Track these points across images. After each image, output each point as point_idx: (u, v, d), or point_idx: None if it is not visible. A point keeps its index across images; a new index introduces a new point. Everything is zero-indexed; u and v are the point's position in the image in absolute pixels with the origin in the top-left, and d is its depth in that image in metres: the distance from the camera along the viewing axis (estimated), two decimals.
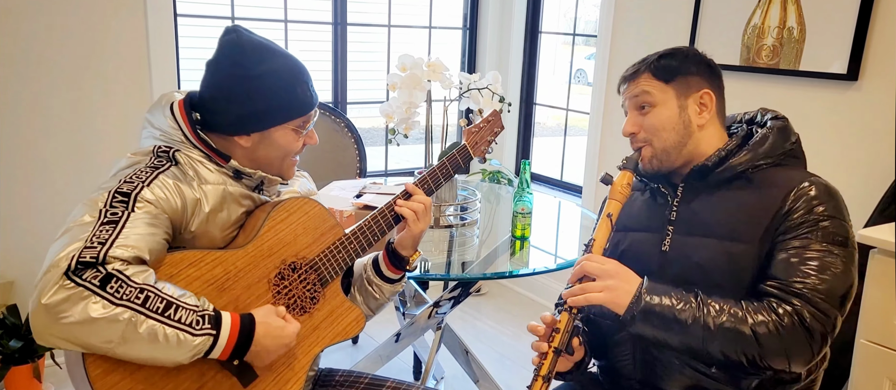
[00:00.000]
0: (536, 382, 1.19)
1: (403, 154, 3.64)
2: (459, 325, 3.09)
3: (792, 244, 1.16)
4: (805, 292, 1.12)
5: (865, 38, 2.14)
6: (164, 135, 1.22)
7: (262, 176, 1.27)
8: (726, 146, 1.27)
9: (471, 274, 1.85)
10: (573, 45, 3.62)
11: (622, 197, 1.28)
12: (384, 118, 2.12)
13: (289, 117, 1.25)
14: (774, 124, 1.29)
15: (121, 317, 1.01)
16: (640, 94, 1.29)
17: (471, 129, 1.56)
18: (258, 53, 1.21)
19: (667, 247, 1.29)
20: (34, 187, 2.45)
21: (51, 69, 2.40)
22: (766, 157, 1.25)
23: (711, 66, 1.31)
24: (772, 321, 1.11)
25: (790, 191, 1.19)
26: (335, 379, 1.48)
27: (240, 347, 1.12)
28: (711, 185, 1.27)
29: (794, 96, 2.34)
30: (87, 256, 1.02)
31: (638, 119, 1.30)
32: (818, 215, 1.16)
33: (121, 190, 1.12)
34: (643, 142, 1.30)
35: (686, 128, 1.27)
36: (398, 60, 2.07)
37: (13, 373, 2.28)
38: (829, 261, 1.14)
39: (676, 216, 1.29)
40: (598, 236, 1.27)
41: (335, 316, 1.32)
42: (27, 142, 2.41)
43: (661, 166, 1.30)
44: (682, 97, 1.27)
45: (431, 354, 2.19)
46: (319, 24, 3.26)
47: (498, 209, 2.44)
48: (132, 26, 2.51)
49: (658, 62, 1.28)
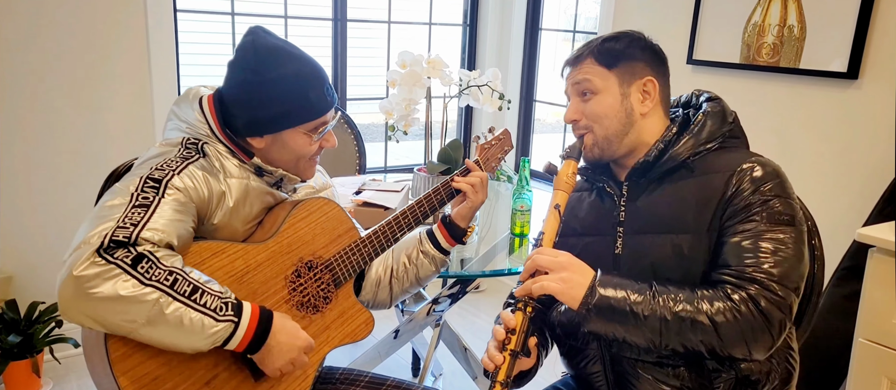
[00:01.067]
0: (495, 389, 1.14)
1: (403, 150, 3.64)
2: (458, 322, 3.10)
3: (739, 229, 1.14)
4: (759, 277, 1.10)
5: (866, 36, 2.13)
6: (191, 128, 1.24)
7: (282, 173, 1.30)
8: (664, 136, 1.25)
9: (470, 271, 1.84)
10: (573, 41, 3.61)
11: (568, 187, 1.25)
12: (384, 115, 2.12)
13: (300, 121, 1.25)
14: (710, 108, 1.26)
15: (148, 297, 1.03)
16: (581, 80, 1.26)
17: (483, 146, 1.60)
18: (272, 57, 1.22)
19: (619, 248, 1.26)
20: (33, 182, 2.45)
21: (51, 64, 2.39)
22: (706, 143, 1.23)
23: (657, 52, 1.28)
24: (728, 308, 1.08)
25: (731, 175, 1.17)
26: (335, 378, 1.48)
27: (257, 340, 1.13)
28: (655, 179, 1.25)
29: (795, 94, 2.34)
30: (119, 236, 1.04)
31: (580, 105, 1.27)
32: (762, 194, 1.14)
33: (152, 176, 1.14)
34: (584, 130, 1.28)
35: (628, 116, 1.25)
36: (398, 57, 2.06)
37: (12, 368, 2.28)
38: (780, 243, 1.12)
39: (625, 216, 1.27)
40: (547, 229, 1.23)
41: (346, 318, 1.34)
42: (26, 137, 2.41)
43: (603, 154, 1.28)
44: (624, 84, 1.25)
45: (430, 351, 2.19)
46: (319, 20, 3.26)
47: (497, 206, 2.44)
48: (132, 21, 2.51)
49: (602, 46, 1.26)
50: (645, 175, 1.26)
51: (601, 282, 1.14)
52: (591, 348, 1.30)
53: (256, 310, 1.13)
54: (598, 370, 1.31)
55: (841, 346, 1.93)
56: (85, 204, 1.16)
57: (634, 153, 1.27)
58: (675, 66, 2.66)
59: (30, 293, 2.46)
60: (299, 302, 1.28)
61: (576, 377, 1.42)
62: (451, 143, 2.14)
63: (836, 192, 2.26)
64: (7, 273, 2.45)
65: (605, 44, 1.26)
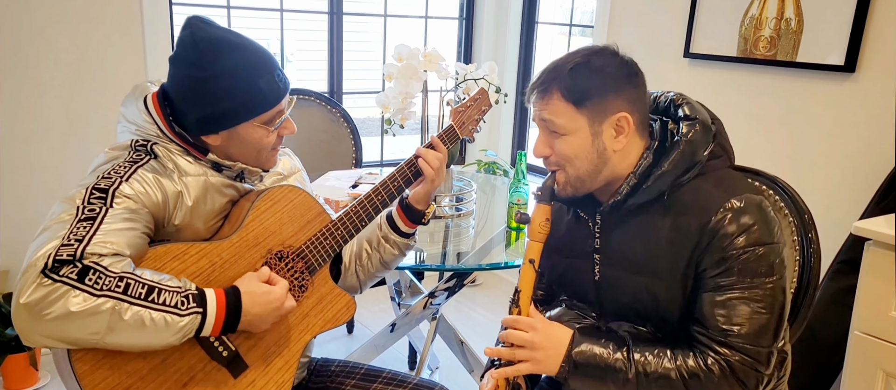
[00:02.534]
0: None
1: (399, 144, 3.63)
2: (454, 316, 3.10)
3: (714, 283, 1.11)
4: (731, 341, 1.09)
5: (863, 29, 2.13)
6: (140, 130, 1.19)
7: (241, 167, 1.25)
8: (638, 167, 1.16)
9: (466, 265, 1.85)
10: (570, 35, 3.60)
11: (542, 236, 1.21)
12: (380, 108, 2.11)
13: (253, 113, 1.18)
14: (686, 134, 1.15)
15: (102, 308, 1.00)
16: (549, 120, 1.17)
17: (457, 109, 1.52)
18: (215, 49, 1.14)
19: (598, 275, 1.25)
20: (29, 177, 2.44)
21: (46, 60, 2.38)
22: (681, 175, 1.15)
23: (629, 74, 1.16)
24: (701, 371, 1.10)
25: (708, 221, 1.10)
26: (331, 370, 1.48)
27: (230, 321, 1.11)
28: (628, 212, 1.19)
29: (792, 88, 2.34)
30: (64, 254, 1.01)
31: (549, 140, 1.19)
32: (740, 247, 1.09)
33: (98, 186, 1.10)
34: (556, 167, 1.21)
35: (600, 156, 1.17)
36: (394, 51, 2.06)
37: (10, 362, 2.27)
38: (754, 298, 1.09)
39: (600, 244, 1.24)
40: (523, 287, 1.21)
41: (325, 303, 1.31)
42: (21, 132, 2.40)
43: (577, 193, 1.21)
44: (595, 123, 1.15)
45: (427, 344, 2.19)
46: (315, 14, 3.25)
47: (494, 200, 2.43)
48: (127, 14, 2.49)
49: (569, 79, 1.14)
50: (617, 210, 1.21)
51: (577, 350, 1.15)
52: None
53: (221, 295, 1.11)
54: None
55: (837, 339, 1.93)
56: None
57: (610, 185, 1.21)
58: (672, 60, 2.67)
59: None
60: None
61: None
62: None
63: (832, 186, 2.26)
64: (3, 267, 2.45)
65: (573, 74, 1.14)
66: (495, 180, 2.81)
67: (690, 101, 1.20)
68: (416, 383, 1.45)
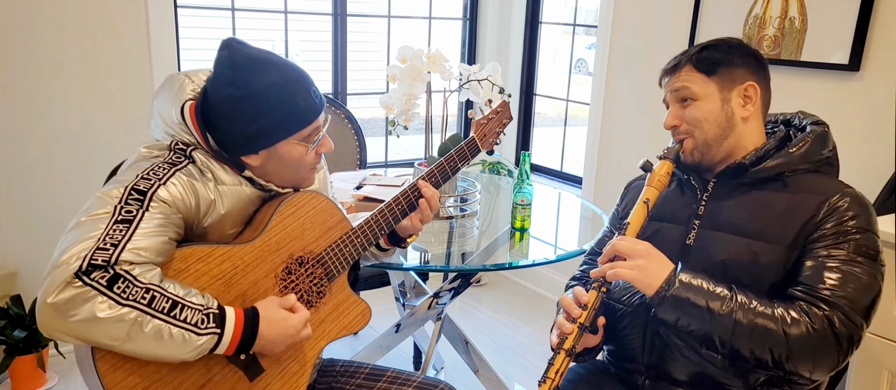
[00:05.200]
0: (559, 356, 1.20)
1: (403, 145, 3.64)
2: (459, 316, 3.10)
3: (823, 252, 1.16)
4: (833, 299, 1.12)
5: (867, 28, 2.13)
6: (177, 136, 1.20)
7: (276, 189, 1.27)
8: (764, 146, 1.26)
9: (471, 265, 1.85)
10: (573, 34, 3.61)
11: (661, 185, 1.28)
12: (384, 109, 2.12)
13: (293, 130, 1.21)
14: (814, 130, 1.28)
15: (127, 317, 1.02)
16: (681, 87, 1.27)
17: (480, 121, 1.55)
18: (253, 68, 1.17)
19: (691, 240, 1.29)
20: (35, 179, 2.45)
21: (51, 61, 2.40)
22: (803, 163, 1.24)
23: (758, 58, 1.29)
24: (804, 322, 1.11)
25: (825, 201, 1.19)
26: (336, 370, 1.49)
27: (245, 342, 1.13)
28: (744, 184, 1.27)
29: (796, 87, 2.34)
30: (99, 259, 1.02)
31: (679, 111, 1.29)
32: (850, 228, 1.16)
33: (137, 187, 1.11)
34: (685, 135, 1.29)
35: (729, 121, 1.26)
36: (398, 52, 2.06)
37: (17, 363, 2.29)
38: (858, 272, 1.14)
39: (704, 211, 1.29)
40: (632, 220, 1.27)
41: (341, 311, 1.33)
42: (28, 134, 2.41)
43: (703, 159, 1.29)
44: (725, 90, 1.26)
45: (431, 344, 2.20)
46: (319, 15, 3.26)
47: (498, 200, 2.44)
48: (132, 16, 2.51)
49: (700, 54, 1.27)
50: (735, 177, 1.28)
51: (683, 274, 1.17)
52: (635, 316, 1.33)
53: (240, 316, 1.13)
54: (636, 335, 1.34)
55: None
56: (87, 199, 1.15)
57: (729, 158, 1.29)
58: None
59: (34, 288, 2.47)
60: None
61: (610, 342, 1.43)
62: (451, 138, 2.14)
63: None
64: (11, 269, 2.46)
65: (704, 52, 1.27)
66: (499, 180, 2.82)
67: (816, 116, 1.32)
68: (420, 381, 1.45)
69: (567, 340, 1.20)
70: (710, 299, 1.14)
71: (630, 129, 2.95)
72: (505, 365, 2.68)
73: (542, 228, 2.13)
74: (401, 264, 1.78)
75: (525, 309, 3.25)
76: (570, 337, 1.21)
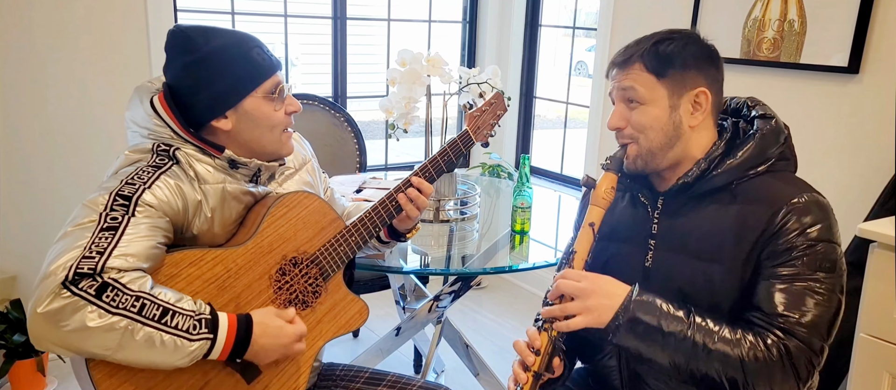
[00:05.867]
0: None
1: (403, 148, 3.64)
2: (459, 319, 3.10)
3: (777, 272, 1.11)
4: (787, 326, 1.09)
5: (866, 31, 2.13)
6: (153, 134, 1.19)
7: (258, 164, 1.25)
8: (710, 153, 1.19)
9: (471, 268, 1.85)
10: (573, 37, 3.61)
11: (605, 203, 1.21)
12: (384, 113, 2.12)
13: (255, 83, 1.22)
14: (761, 128, 1.19)
15: (117, 326, 1.01)
16: (628, 87, 1.18)
17: (473, 113, 1.52)
18: (203, 34, 1.19)
19: (650, 262, 1.23)
20: (36, 182, 2.45)
21: (52, 65, 2.40)
22: (752, 168, 1.17)
23: (712, 58, 1.20)
24: (760, 349, 1.08)
25: (776, 211, 1.11)
26: (336, 374, 1.49)
27: (238, 348, 1.12)
28: (693, 198, 1.20)
29: (795, 89, 2.34)
30: (84, 267, 1.01)
31: (625, 112, 1.20)
32: (807, 239, 1.10)
33: (122, 192, 1.10)
34: (629, 139, 1.21)
35: (676, 130, 1.18)
36: (397, 55, 2.06)
37: (17, 368, 2.29)
38: (813, 288, 1.09)
39: (658, 229, 1.23)
40: (578, 248, 1.20)
41: (338, 310, 1.32)
42: (29, 138, 2.41)
43: (646, 167, 1.21)
44: (674, 96, 1.17)
45: (432, 348, 2.19)
46: (319, 19, 3.26)
47: (498, 203, 2.44)
48: (133, 20, 2.51)
49: (653, 50, 1.17)
50: (683, 193, 1.21)
51: (637, 301, 1.12)
52: (608, 344, 1.28)
53: (233, 322, 1.12)
54: (613, 365, 1.30)
55: (842, 342, 1.93)
56: None
57: (677, 167, 1.22)
58: None
59: None
60: (287, 300, 1.26)
61: (589, 370, 1.42)
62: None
63: (836, 188, 2.26)
64: (11, 273, 2.46)
65: (657, 47, 1.17)
66: (499, 183, 2.81)
67: (765, 104, 1.23)
68: (421, 385, 1.45)
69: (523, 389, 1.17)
70: (665, 321, 1.10)
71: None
72: (505, 368, 2.68)
73: (542, 231, 2.13)
74: (401, 267, 1.78)
75: (525, 312, 3.24)
76: (525, 386, 1.17)
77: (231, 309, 1.18)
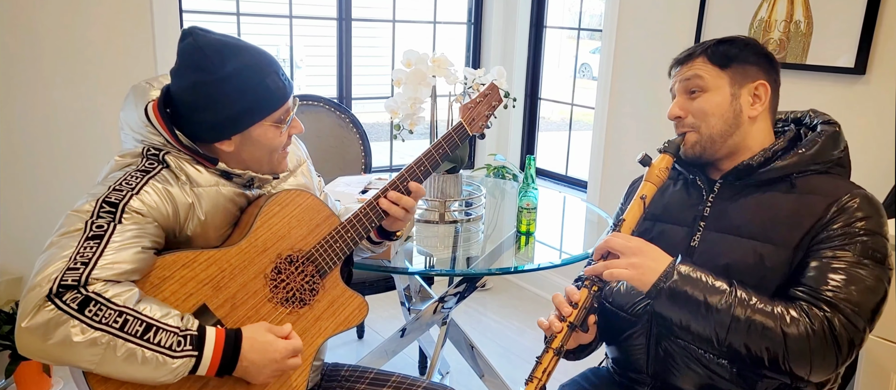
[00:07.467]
0: (547, 355, 1.18)
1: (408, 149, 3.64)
2: (464, 320, 3.10)
3: (828, 253, 1.13)
4: (835, 300, 1.10)
5: (873, 31, 2.12)
6: (146, 141, 1.18)
7: (252, 175, 1.25)
8: (773, 146, 1.24)
9: (476, 269, 1.85)
10: (578, 39, 3.61)
11: (659, 180, 1.25)
12: (389, 114, 2.12)
13: (265, 113, 1.19)
14: (825, 130, 1.25)
15: (100, 341, 1.01)
16: (692, 77, 1.25)
17: (467, 105, 1.51)
18: (220, 53, 1.15)
19: (696, 242, 1.27)
20: (40, 184, 2.46)
21: (56, 65, 2.41)
22: (813, 164, 1.22)
23: (770, 59, 1.28)
24: (803, 322, 1.08)
25: (833, 202, 1.16)
26: (341, 374, 1.49)
27: (226, 364, 1.10)
28: (751, 185, 1.25)
29: (801, 90, 2.33)
30: (68, 279, 1.01)
31: (685, 103, 1.27)
32: (858, 229, 1.13)
33: (108, 199, 1.09)
34: (689, 127, 1.26)
35: (736, 118, 1.24)
36: (403, 56, 2.06)
37: (23, 368, 2.29)
38: (863, 274, 1.11)
39: (709, 212, 1.27)
40: (628, 217, 1.25)
41: (337, 306, 1.32)
42: (33, 138, 2.42)
43: (704, 153, 1.26)
44: (735, 85, 1.24)
45: (437, 349, 2.19)
46: (324, 20, 3.27)
47: (503, 204, 2.44)
48: (138, 22, 2.52)
49: (715, 47, 1.25)
50: (742, 178, 1.25)
51: (682, 265, 1.15)
52: (640, 325, 1.31)
53: (220, 337, 1.10)
54: (641, 343, 1.32)
55: None
56: None
57: (733, 157, 1.27)
58: None
59: None
60: (284, 299, 1.25)
61: (614, 350, 1.41)
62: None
63: None
64: (16, 274, 2.47)
65: (719, 45, 1.25)
66: (504, 184, 2.81)
67: (827, 115, 1.30)
68: (425, 386, 1.45)
69: (556, 339, 1.19)
70: (708, 292, 1.12)
71: (635, 133, 2.95)
72: (510, 369, 2.68)
73: (547, 232, 2.12)
74: (406, 268, 1.78)
75: (530, 314, 3.24)
76: (559, 335, 1.19)
77: (227, 310, 1.17)
